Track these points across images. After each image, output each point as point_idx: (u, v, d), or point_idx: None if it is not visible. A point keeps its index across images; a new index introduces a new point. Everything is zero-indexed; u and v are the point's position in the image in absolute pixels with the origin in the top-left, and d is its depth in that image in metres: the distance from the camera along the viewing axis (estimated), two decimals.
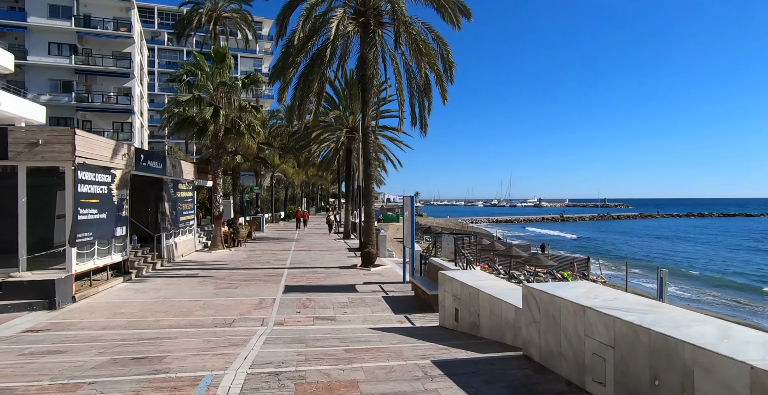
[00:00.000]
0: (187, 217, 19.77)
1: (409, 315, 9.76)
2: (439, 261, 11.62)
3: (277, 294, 11.67)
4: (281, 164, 45.16)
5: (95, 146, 11.55)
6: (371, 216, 16.51)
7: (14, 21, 38.59)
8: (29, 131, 10.37)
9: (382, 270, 15.71)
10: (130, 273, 13.67)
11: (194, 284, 13.02)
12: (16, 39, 39.39)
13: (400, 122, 18.64)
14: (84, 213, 10.90)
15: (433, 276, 11.15)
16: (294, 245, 24.22)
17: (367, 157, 16.42)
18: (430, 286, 10.33)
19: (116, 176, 12.78)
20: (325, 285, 13.05)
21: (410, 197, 12.65)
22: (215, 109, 19.50)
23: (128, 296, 11.40)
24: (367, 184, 16.45)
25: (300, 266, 16.56)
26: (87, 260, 11.46)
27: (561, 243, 57.61)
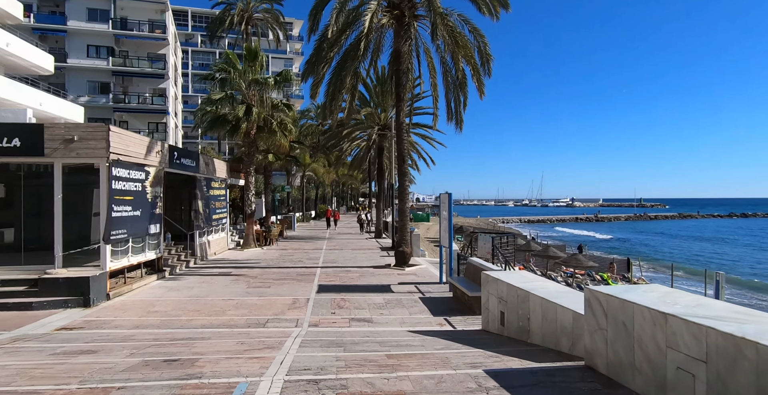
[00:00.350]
0: (220, 216, 19.74)
1: (449, 317, 9.27)
2: (479, 261, 11.09)
3: (311, 293, 11.36)
4: (312, 163, 45.20)
5: (129, 143, 11.47)
6: (405, 214, 16.07)
7: (55, 25, 39.76)
8: (65, 127, 10.34)
9: (417, 270, 15.25)
10: (163, 271, 13.61)
11: (227, 282, 12.85)
12: (57, 42, 40.56)
13: (435, 118, 18.09)
14: (118, 210, 10.82)
15: (472, 277, 10.65)
16: (326, 244, 24.00)
17: (401, 153, 15.98)
18: (471, 287, 9.83)
19: (150, 173, 12.71)
20: (360, 285, 12.68)
21: (447, 194, 12.14)
22: (247, 107, 19.41)
23: (161, 294, 11.28)
24: (402, 182, 16.02)
25: (333, 265, 16.25)
26: (121, 257, 11.39)
27: (595, 244, 55.87)
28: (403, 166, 16.03)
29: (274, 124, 20.64)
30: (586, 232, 75.69)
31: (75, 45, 40.34)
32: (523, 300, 6.72)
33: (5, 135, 9.96)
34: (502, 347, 6.23)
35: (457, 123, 16.73)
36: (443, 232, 12.67)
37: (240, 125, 19.46)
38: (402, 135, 16.00)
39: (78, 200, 11.80)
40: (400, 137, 16.00)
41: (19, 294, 9.65)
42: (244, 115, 19.23)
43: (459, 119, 16.70)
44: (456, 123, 16.73)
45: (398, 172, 16.10)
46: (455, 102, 16.59)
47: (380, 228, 27.89)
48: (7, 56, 22.89)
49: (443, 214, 12.56)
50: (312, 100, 16.82)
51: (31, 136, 10.11)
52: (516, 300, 6.95)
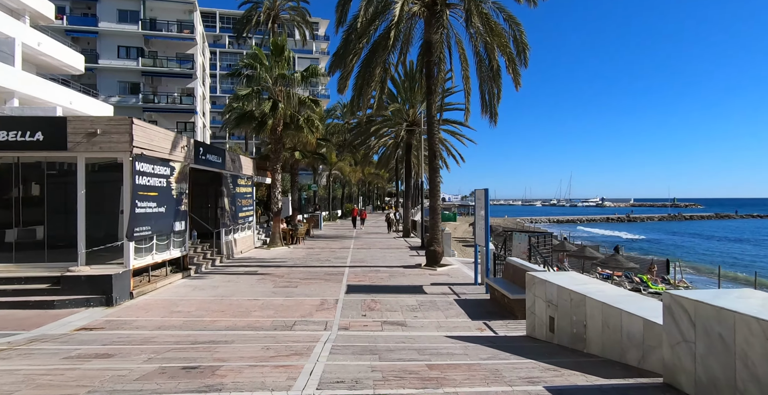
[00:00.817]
0: (246, 213, 19.42)
1: (489, 321, 8.58)
2: (519, 261, 10.35)
3: (340, 294, 10.81)
4: (338, 162, 44.88)
5: (153, 137, 11.13)
6: (437, 212, 15.40)
7: (87, 26, 40.40)
8: (87, 120, 10.04)
9: (449, 271, 14.57)
10: (189, 270, 13.27)
11: (253, 282, 12.42)
12: (89, 44, 41.22)
13: (467, 113, 17.37)
14: (142, 206, 10.47)
15: (512, 278, 9.93)
16: (353, 243, 23.49)
17: (432, 148, 15.32)
18: (512, 289, 9.11)
19: (175, 169, 12.37)
20: (390, 285, 12.08)
21: (484, 191, 11.42)
22: (274, 103, 19.04)
23: (186, 293, 10.89)
24: (433, 178, 15.35)
25: (361, 264, 15.70)
26: (145, 255, 11.06)
27: (627, 245, 53.79)
28: (434, 161, 15.36)
29: (300, 120, 20.24)
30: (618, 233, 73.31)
31: (106, 46, 40.92)
32: (578, 305, 6.00)
33: (28, 129, 9.71)
34: (555, 357, 5.54)
35: (491, 116, 15.97)
36: (479, 231, 11.96)
37: (266, 121, 19.10)
38: (433, 129, 15.33)
39: (106, 197, 11.50)
40: (432, 132, 15.34)
41: (42, 292, 9.37)
42: (270, 110, 18.87)
43: (493, 112, 15.94)
44: (490, 116, 15.98)
45: (429, 168, 15.44)
46: (489, 94, 15.83)
47: (408, 227, 27.24)
48: (39, 55, 23.12)
49: (479, 213, 11.85)
50: (340, 94, 16.24)
51: (53, 130, 9.84)
52: (569, 305, 6.23)
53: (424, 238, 21.46)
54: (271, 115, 18.99)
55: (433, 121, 15.33)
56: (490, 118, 16.02)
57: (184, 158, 12.94)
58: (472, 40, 15.04)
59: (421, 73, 17.67)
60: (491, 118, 16.01)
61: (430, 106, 15.40)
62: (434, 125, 15.35)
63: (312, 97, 20.75)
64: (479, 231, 11.93)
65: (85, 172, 10.14)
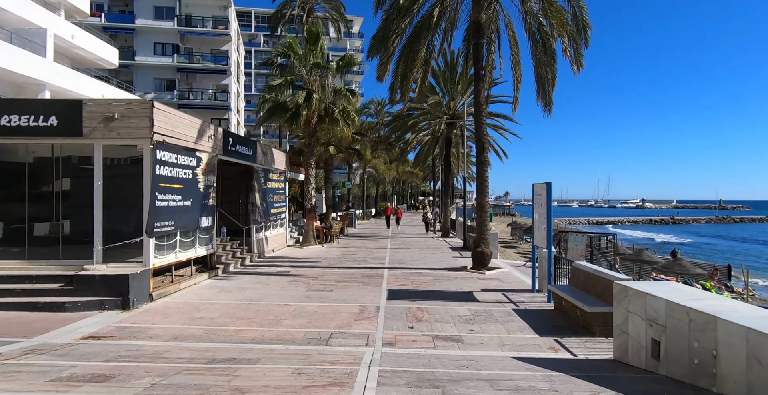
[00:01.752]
0: (279, 210, 18.42)
1: (560, 338, 7.15)
2: (592, 267, 8.85)
3: (380, 300, 9.56)
4: (372, 159, 43.76)
5: (177, 123, 10.13)
6: (485, 210, 13.97)
7: (124, 23, 40.55)
8: (105, 103, 9.09)
9: (499, 275, 13.12)
10: (216, 269, 12.28)
11: (284, 284, 11.30)
12: (126, 41, 41.36)
13: (515, 102, 15.88)
14: (164, 199, 9.47)
15: (583, 286, 8.46)
16: (390, 243, 22.23)
17: (481, 140, 13.90)
18: (587, 300, 7.64)
19: (202, 159, 11.38)
20: (436, 291, 10.75)
21: (545, 185, 9.94)
22: (308, 93, 17.96)
23: (211, 296, 9.84)
24: (481, 172, 13.93)
25: (401, 266, 14.42)
26: (167, 253, 10.06)
27: (670, 249, 50.41)
28: (482, 154, 13.94)
29: (336, 112, 19.11)
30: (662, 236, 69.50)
31: (142, 43, 40.99)
32: (703, 328, 4.54)
33: (41, 112, 8.83)
34: None
35: (545, 104, 14.44)
36: (539, 232, 10.49)
37: (300, 112, 18.04)
38: (481, 119, 13.90)
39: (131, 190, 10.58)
40: (480, 121, 13.90)
41: (53, 293, 8.46)
42: (304, 101, 17.79)
43: (548, 100, 14.41)
44: (544, 104, 14.45)
45: (477, 161, 14.03)
46: (545, 79, 14.32)
47: (447, 226, 25.79)
48: (73, 48, 22.78)
49: (539, 210, 10.38)
50: (378, 82, 15.14)
51: (68, 114, 8.92)
52: (686, 326, 4.78)
53: (466, 239, 20.02)
54: (305, 105, 17.92)
55: (481, 110, 13.90)
56: (545, 107, 14.49)
57: (211, 148, 11.95)
58: (527, 17, 13.54)
59: (466, 60, 16.26)
60: (546, 106, 14.48)
61: (478, 93, 13.97)
62: (482, 114, 13.92)
63: (348, 88, 19.56)
64: (539, 231, 10.46)
65: (102, 161, 9.21)
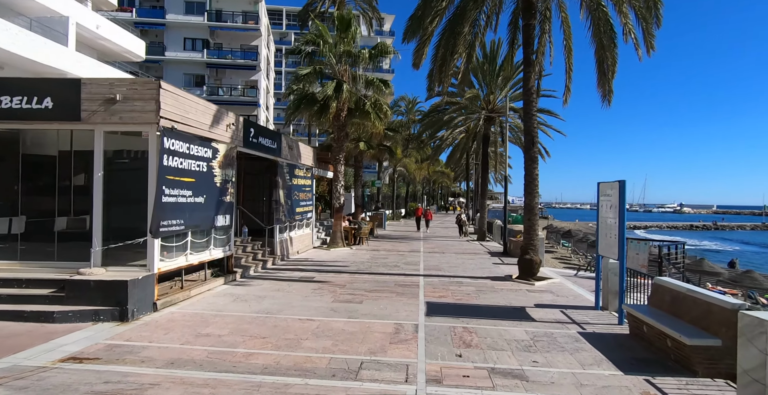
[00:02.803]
0: (305, 209, 17.19)
1: (652, 377, 5.59)
2: (684, 285, 7.22)
3: (418, 316, 8.14)
4: (403, 158, 42.37)
5: (189, 108, 8.94)
6: (534, 212, 12.39)
7: (155, 19, 40.25)
8: (106, 83, 7.95)
9: (551, 286, 11.52)
10: (233, 273, 11.07)
11: (308, 292, 9.99)
12: (156, 36, 41.11)
13: (566, 93, 14.20)
14: (172, 194, 8.28)
15: (671, 309, 6.84)
16: (422, 246, 20.76)
17: (530, 133, 12.32)
18: (685, 329, 6.04)
19: (219, 151, 10.18)
20: (482, 305, 9.25)
21: (617, 184, 8.29)
22: (338, 83, 16.67)
23: (224, 305, 8.60)
24: (530, 170, 12.34)
25: (438, 274, 12.96)
26: (177, 256, 8.88)
27: (714, 257, 47.08)
28: (532, 149, 12.36)
29: (367, 104, 17.78)
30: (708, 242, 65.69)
31: (172, 38, 40.62)
32: None
33: (34, 93, 7.74)
34: None
35: (605, 93, 12.77)
36: (605, 238, 8.88)
37: (329, 104, 16.76)
38: (531, 109, 12.32)
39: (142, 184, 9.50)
40: (530, 112, 12.33)
41: (42, 300, 7.34)
42: (333, 92, 16.51)
43: (608, 88, 12.73)
44: (604, 93, 12.78)
45: (526, 157, 12.45)
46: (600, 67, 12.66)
47: (484, 229, 24.14)
48: (98, 40, 22.10)
49: (606, 213, 8.75)
50: (414, 69, 13.74)
51: (65, 95, 7.81)
52: None
53: (507, 243, 18.41)
54: (335, 96, 16.63)
55: (531, 100, 12.32)
56: (604, 96, 12.82)
57: (230, 139, 10.76)
58: None
59: (511, 47, 14.65)
60: (605, 96, 12.80)
61: (528, 81, 12.39)
62: (532, 104, 12.33)
63: (381, 78, 18.19)
64: (606, 239, 8.84)
65: (103, 150, 8.07)
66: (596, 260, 9.59)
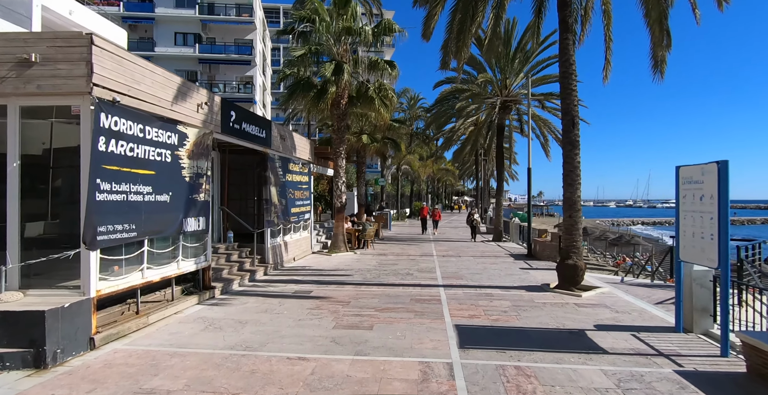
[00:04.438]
0: (302, 209, 15.09)
1: None
2: None
3: (450, 349, 6.03)
4: (407, 155, 40.26)
5: (141, 77, 6.83)
6: (576, 206, 10.24)
7: (144, 12, 38.23)
8: (17, 40, 5.86)
9: (602, 298, 9.39)
10: (211, 289, 8.97)
11: (303, 313, 7.88)
12: (146, 32, 39.13)
13: (606, 67, 12.06)
14: (117, 190, 6.18)
15: None
16: (434, 248, 18.63)
17: (570, 111, 10.18)
18: None
19: (188, 137, 8.09)
20: (528, 329, 7.13)
21: (715, 165, 6.19)
22: (337, 65, 14.58)
23: (190, 336, 6.49)
24: (571, 156, 10.18)
25: (459, 283, 10.85)
26: (128, 272, 6.79)
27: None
28: (572, 131, 10.22)
29: (371, 89, 15.70)
30: None
31: (162, 33, 38.61)
32: None
33: None
34: None
35: (656, 64, 10.68)
36: (691, 239, 6.74)
37: (327, 89, 14.67)
38: (571, 83, 10.19)
39: None
40: (569, 86, 10.20)
41: None
42: (332, 74, 14.43)
43: (659, 59, 10.63)
44: (655, 64, 10.69)
45: (565, 140, 10.31)
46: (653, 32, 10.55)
47: (500, 229, 21.97)
48: (72, 27, 19.95)
49: (698, 206, 6.62)
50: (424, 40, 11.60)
51: None
52: None
53: (531, 244, 16.29)
54: (334, 80, 14.55)
55: (570, 72, 10.19)
56: (655, 66, 10.73)
57: (203, 122, 8.66)
58: None
59: (538, 14, 12.52)
60: (656, 67, 10.72)
61: (566, 49, 10.25)
62: (572, 77, 10.20)
63: (387, 60, 16.04)
64: (694, 240, 6.69)
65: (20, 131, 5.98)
66: (675, 267, 7.46)
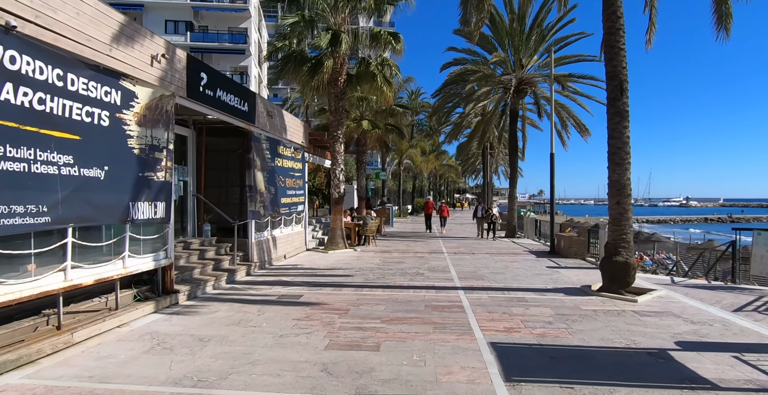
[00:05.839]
0: (294, 200, 13.22)
1: None
2: None
3: (492, 382, 4.17)
4: (409, 149, 38.39)
5: (56, 1, 4.96)
6: (626, 191, 8.32)
7: None
8: None
9: (664, 303, 7.53)
10: (174, 293, 7.09)
11: (287, 326, 6.01)
12: (135, 19, 37.06)
13: (650, 29, 10.18)
14: (14, 156, 4.34)
15: None
16: (443, 244, 16.74)
17: (617, 75, 8.29)
18: None
19: (138, 97, 6.23)
20: (589, 348, 5.25)
21: None
22: (334, 35, 12.70)
23: (121, 365, 4.60)
24: (620, 131, 8.25)
25: (481, 285, 8.98)
26: (40, 272, 4.92)
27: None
28: (620, 100, 8.29)
29: (372, 64, 13.83)
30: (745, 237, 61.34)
31: (152, 20, 36.60)
32: None
33: None
34: None
35: (720, 18, 8.79)
36: None
37: (323, 62, 12.80)
38: (618, 40, 8.30)
39: None
40: (615, 45, 8.31)
41: None
42: (329, 45, 12.56)
43: (725, 12, 8.75)
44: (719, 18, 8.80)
45: (611, 112, 8.39)
46: None
47: (514, 224, 20.06)
48: None
49: None
50: None
51: None
52: None
53: (554, 240, 14.43)
54: (331, 52, 12.69)
55: (618, 27, 8.31)
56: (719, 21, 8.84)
57: (160, 80, 6.79)
58: None
59: None
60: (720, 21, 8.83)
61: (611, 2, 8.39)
62: (619, 33, 8.31)
63: (390, 31, 14.11)
64: None
65: None
66: None
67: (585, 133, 20.41)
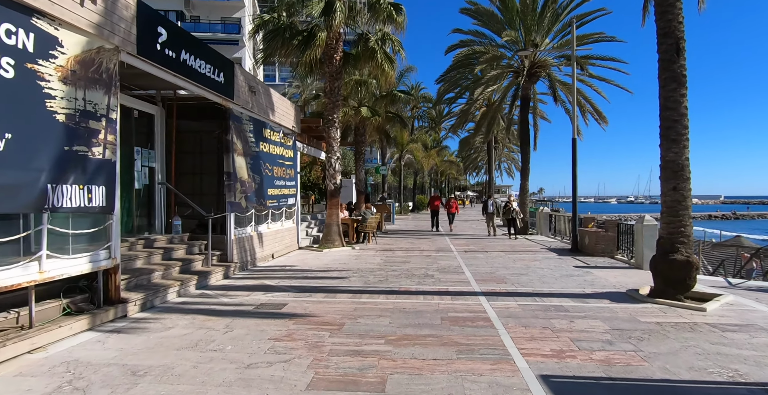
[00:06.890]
0: (284, 191, 11.65)
1: None
2: None
3: None
4: (409, 144, 36.83)
5: None
6: (684, 174, 6.77)
7: None
8: None
9: (742, 313, 5.99)
10: (122, 303, 5.55)
11: (259, 349, 4.47)
12: None
13: None
14: None
15: None
16: (451, 242, 15.16)
17: (673, 31, 6.75)
18: None
19: (61, 45, 4.69)
20: (681, 384, 3.71)
21: None
22: (328, 3, 11.15)
23: None
24: (677, 101, 6.72)
25: (505, 289, 7.43)
26: None
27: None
28: (677, 62, 6.74)
29: (371, 39, 12.29)
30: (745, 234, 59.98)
31: None
32: None
33: None
34: None
35: None
36: None
37: (316, 34, 11.25)
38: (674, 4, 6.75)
39: None
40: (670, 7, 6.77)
41: None
42: (321, 15, 11.01)
43: None
44: None
45: (664, 76, 6.82)
46: None
47: (527, 219, 18.48)
48: None
49: None
50: None
51: None
52: None
53: (577, 237, 12.90)
54: (325, 22, 11.14)
55: None
56: None
57: (97, 28, 5.24)
58: None
59: None
60: None
61: None
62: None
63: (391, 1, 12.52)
64: None
65: None
66: None
67: (602, 121, 18.86)
